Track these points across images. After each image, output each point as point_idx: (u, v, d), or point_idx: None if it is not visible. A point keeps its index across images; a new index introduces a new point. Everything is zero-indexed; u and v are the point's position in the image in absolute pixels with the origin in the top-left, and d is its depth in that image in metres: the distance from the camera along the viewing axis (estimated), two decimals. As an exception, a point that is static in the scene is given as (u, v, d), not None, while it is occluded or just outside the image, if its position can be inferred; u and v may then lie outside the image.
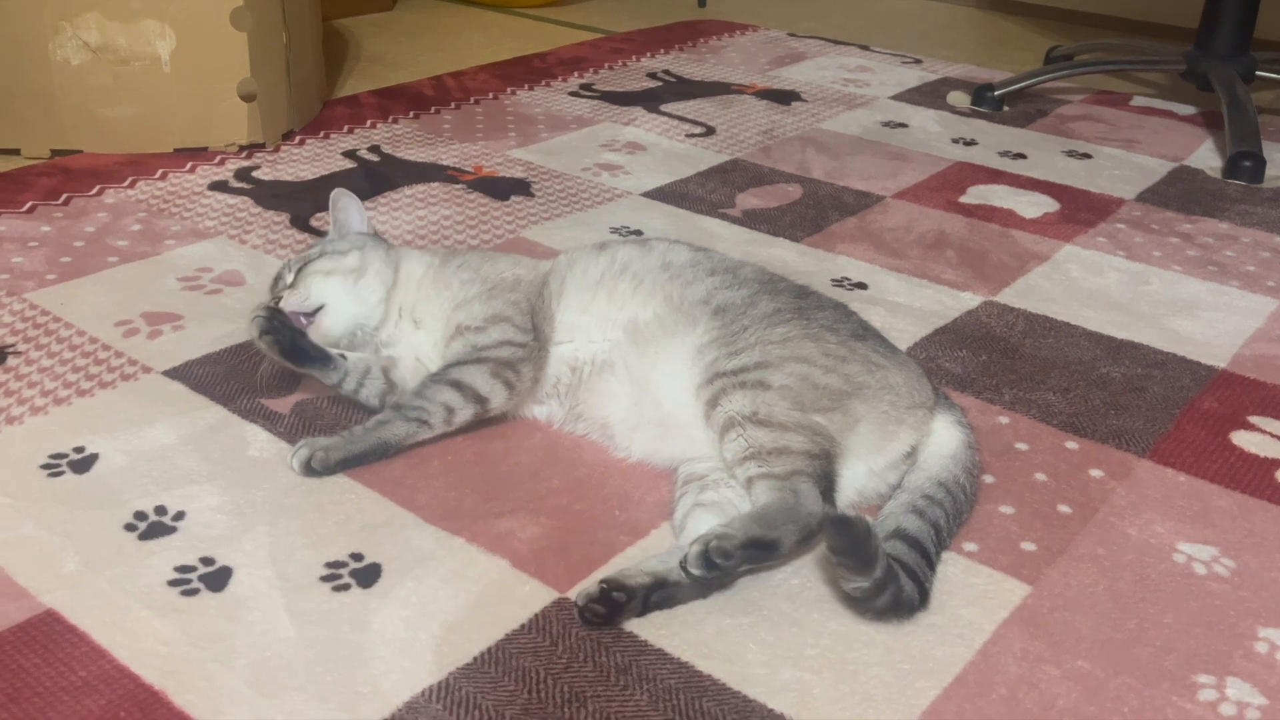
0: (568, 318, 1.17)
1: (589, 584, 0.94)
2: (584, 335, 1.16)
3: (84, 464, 1.10)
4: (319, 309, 1.17)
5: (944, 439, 1.08)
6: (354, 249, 1.21)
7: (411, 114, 2.17)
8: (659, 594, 0.93)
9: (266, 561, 0.98)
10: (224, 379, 1.25)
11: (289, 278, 1.19)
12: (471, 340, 1.14)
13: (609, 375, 1.14)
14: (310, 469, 1.08)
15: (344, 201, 1.27)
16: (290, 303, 1.17)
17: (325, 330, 1.18)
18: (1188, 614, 0.95)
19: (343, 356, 1.18)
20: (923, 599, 0.94)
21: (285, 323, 1.16)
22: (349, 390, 1.18)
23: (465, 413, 1.12)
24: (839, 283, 1.53)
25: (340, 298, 1.18)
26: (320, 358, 1.16)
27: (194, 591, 0.94)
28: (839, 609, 0.94)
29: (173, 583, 0.95)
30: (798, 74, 2.52)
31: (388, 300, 1.20)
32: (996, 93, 2.31)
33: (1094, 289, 1.54)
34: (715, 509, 1.01)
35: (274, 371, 1.25)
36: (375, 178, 1.85)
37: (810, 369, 1.04)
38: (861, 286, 1.52)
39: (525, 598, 0.95)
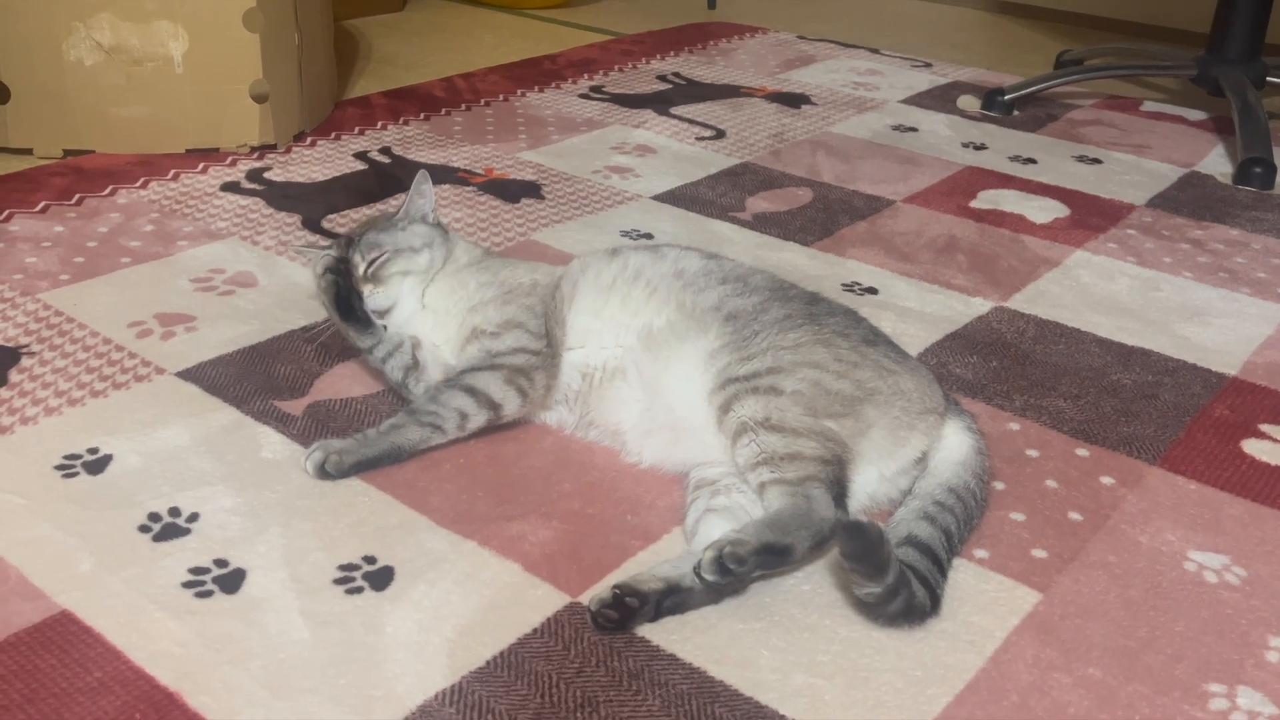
0: (580, 322, 1.17)
1: (601, 589, 0.94)
2: (596, 341, 1.16)
3: (98, 465, 1.10)
4: (390, 307, 1.21)
5: (955, 445, 1.08)
6: (425, 247, 1.23)
7: (422, 115, 2.17)
8: (672, 599, 0.93)
9: (280, 563, 0.98)
10: (237, 380, 1.25)
11: (361, 266, 1.20)
12: (486, 345, 1.15)
13: (620, 381, 1.14)
14: (324, 472, 1.08)
15: (425, 186, 1.28)
16: (374, 301, 1.19)
17: (388, 322, 1.21)
18: (1199, 622, 0.96)
19: (383, 327, 1.20)
20: (934, 605, 0.94)
21: (349, 272, 1.19)
22: (378, 357, 1.20)
23: (478, 418, 1.12)
24: (849, 287, 1.53)
25: (408, 297, 1.21)
26: (365, 320, 1.19)
27: (208, 593, 0.94)
28: (851, 615, 0.95)
29: (187, 584, 0.95)
30: (808, 77, 2.52)
31: None
32: (1007, 97, 2.31)
33: (1104, 295, 1.54)
34: (727, 514, 1.01)
35: (289, 371, 1.26)
36: (386, 180, 1.85)
37: (822, 374, 1.04)
38: (872, 291, 1.52)
39: (537, 601, 0.95)
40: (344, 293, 1.18)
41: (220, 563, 0.98)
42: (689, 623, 0.93)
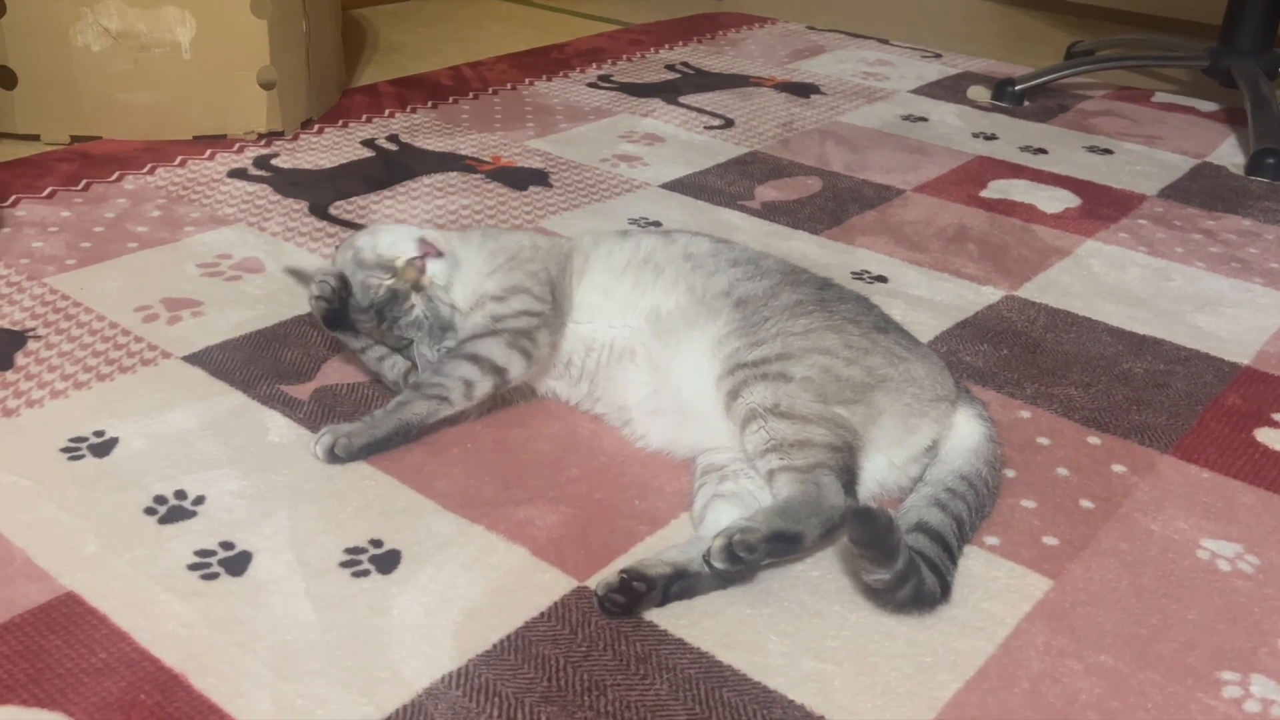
0: (589, 298, 1.17)
1: (609, 573, 0.94)
2: (604, 319, 1.16)
3: (104, 448, 1.10)
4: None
5: (965, 432, 1.07)
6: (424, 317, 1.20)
7: (430, 104, 2.17)
8: (679, 584, 0.93)
9: (286, 546, 0.97)
10: (244, 365, 1.25)
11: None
12: (490, 310, 1.14)
13: (629, 362, 1.14)
14: (334, 455, 1.08)
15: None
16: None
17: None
18: (1211, 610, 0.95)
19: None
20: (944, 592, 0.93)
21: (339, 298, 1.16)
22: (374, 358, 1.19)
23: (484, 385, 1.11)
24: (859, 276, 1.52)
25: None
26: (354, 326, 1.17)
27: (214, 575, 0.94)
28: (860, 601, 0.94)
29: (193, 566, 0.95)
30: (817, 67, 2.51)
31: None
32: (1017, 87, 2.29)
33: (1116, 284, 1.53)
34: (734, 500, 1.00)
35: (295, 355, 1.26)
36: (394, 167, 1.85)
37: (832, 361, 1.03)
38: (881, 280, 1.51)
39: (545, 585, 0.94)
40: (333, 312, 1.15)
41: (226, 545, 0.97)
42: (697, 607, 0.92)
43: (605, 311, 1.15)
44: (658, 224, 1.66)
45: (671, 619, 0.91)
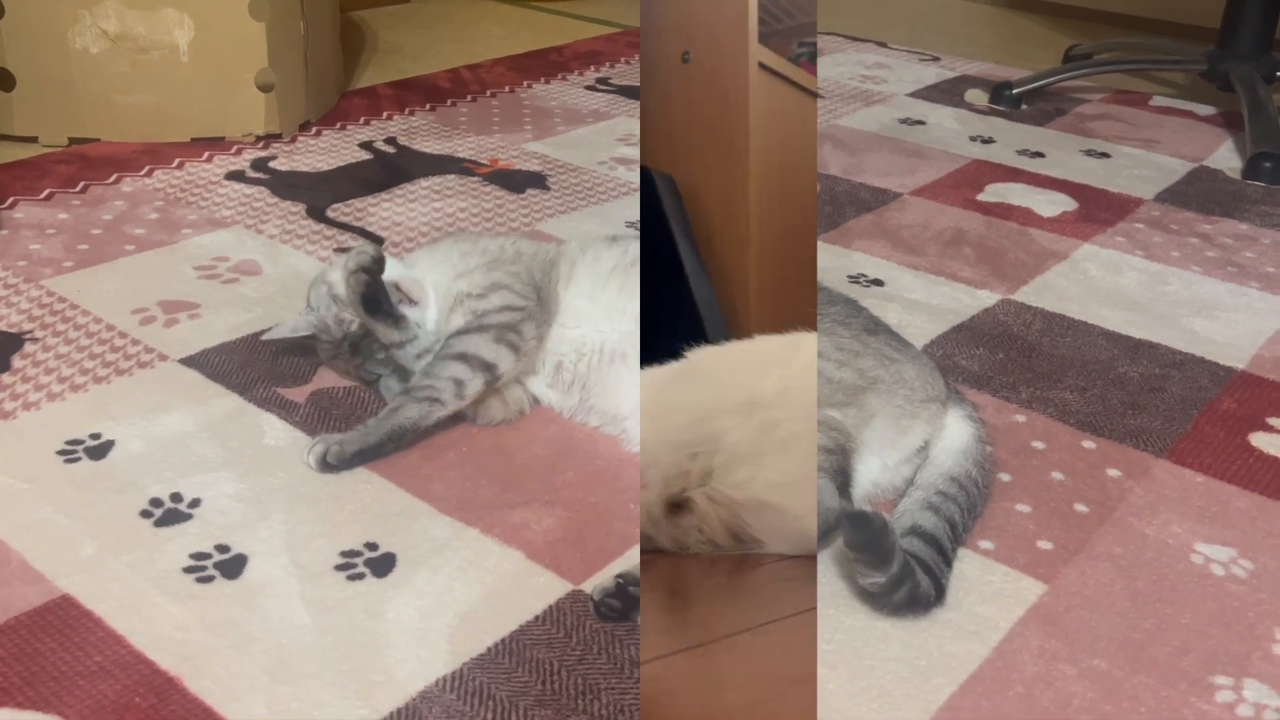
0: (576, 303, 1.17)
1: (604, 578, 0.94)
2: (591, 324, 1.16)
3: (100, 450, 1.10)
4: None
5: (956, 433, 1.08)
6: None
7: (428, 106, 2.17)
8: (674, 587, 0.93)
9: (282, 549, 0.98)
10: (240, 368, 1.25)
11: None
12: (472, 307, 1.15)
13: (620, 364, 1.14)
14: (326, 464, 1.07)
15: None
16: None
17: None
18: (1205, 615, 0.95)
19: (416, 324, 1.17)
20: (939, 595, 0.94)
21: (380, 270, 1.14)
22: (411, 354, 1.16)
23: (475, 383, 1.11)
24: (855, 279, 1.52)
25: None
26: (394, 315, 1.15)
27: (209, 578, 0.94)
28: (855, 604, 0.94)
29: (188, 569, 0.95)
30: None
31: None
32: (1015, 91, 2.30)
33: (1112, 288, 1.53)
34: (730, 503, 1.01)
35: (292, 359, 1.26)
36: (391, 169, 1.85)
37: (824, 364, 1.04)
38: (878, 283, 1.52)
39: (540, 589, 0.94)
40: (371, 290, 1.14)
41: (222, 548, 0.97)
42: (692, 611, 0.93)
43: (592, 316, 1.16)
44: (655, 227, 1.66)
45: (666, 622, 0.91)
